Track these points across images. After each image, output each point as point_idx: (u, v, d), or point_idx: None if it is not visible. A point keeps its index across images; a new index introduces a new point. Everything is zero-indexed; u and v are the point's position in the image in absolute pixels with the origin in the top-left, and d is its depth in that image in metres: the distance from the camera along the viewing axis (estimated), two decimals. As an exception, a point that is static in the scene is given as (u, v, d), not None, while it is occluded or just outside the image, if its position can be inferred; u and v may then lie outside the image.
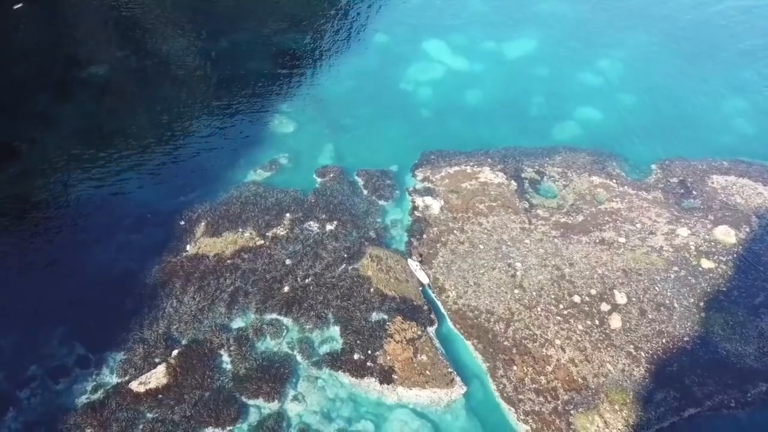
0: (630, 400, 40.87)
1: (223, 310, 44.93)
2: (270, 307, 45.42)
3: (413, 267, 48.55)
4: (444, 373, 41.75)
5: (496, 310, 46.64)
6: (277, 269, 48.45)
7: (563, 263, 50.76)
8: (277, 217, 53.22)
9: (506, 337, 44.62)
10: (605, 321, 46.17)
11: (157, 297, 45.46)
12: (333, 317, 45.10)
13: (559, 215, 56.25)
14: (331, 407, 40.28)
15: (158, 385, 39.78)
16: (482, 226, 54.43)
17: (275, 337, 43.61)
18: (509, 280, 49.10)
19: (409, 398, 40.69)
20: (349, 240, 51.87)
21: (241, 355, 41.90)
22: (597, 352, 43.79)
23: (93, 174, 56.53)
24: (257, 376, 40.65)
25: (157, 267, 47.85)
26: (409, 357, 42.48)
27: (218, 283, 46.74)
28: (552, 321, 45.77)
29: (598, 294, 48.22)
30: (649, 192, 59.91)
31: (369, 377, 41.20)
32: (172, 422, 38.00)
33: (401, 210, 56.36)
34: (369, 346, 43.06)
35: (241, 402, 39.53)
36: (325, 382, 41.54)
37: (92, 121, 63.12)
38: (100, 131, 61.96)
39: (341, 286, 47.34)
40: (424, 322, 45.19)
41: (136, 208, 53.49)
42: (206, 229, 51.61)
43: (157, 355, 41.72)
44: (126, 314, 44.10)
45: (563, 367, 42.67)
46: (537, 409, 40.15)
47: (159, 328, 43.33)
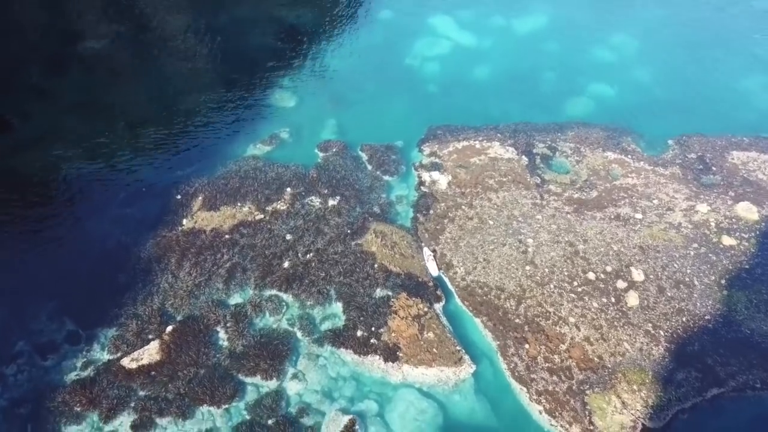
0: (649, 380, 38.55)
1: (220, 286, 42.83)
2: (269, 283, 43.29)
3: (426, 257, 46.09)
4: (452, 351, 39.53)
5: (506, 286, 44.34)
6: (277, 245, 46.29)
7: (577, 240, 48.35)
8: (277, 192, 51.01)
9: (517, 315, 42.33)
10: (622, 299, 43.80)
11: (151, 272, 43.41)
12: (335, 293, 42.94)
13: (573, 191, 53.78)
14: (333, 386, 38.18)
15: (151, 362, 37.77)
16: (492, 201, 52.04)
17: (274, 314, 41.49)
18: (520, 257, 46.76)
19: (415, 377, 38.51)
20: (353, 215, 49.63)
21: (238, 331, 39.81)
22: (613, 330, 41.45)
23: (87, 148, 54.46)
24: (255, 353, 38.58)
25: (151, 241, 45.78)
26: (414, 334, 40.26)
27: (215, 259, 44.62)
28: (566, 298, 43.43)
29: (613, 271, 45.83)
30: (667, 168, 57.32)
31: (373, 355, 39.03)
32: (165, 400, 36.01)
33: (407, 185, 54.03)
34: (373, 322, 40.87)
35: (238, 380, 37.49)
36: (327, 360, 39.40)
37: (87, 95, 60.96)
38: (95, 105, 59.82)
39: (344, 262, 45.13)
40: (430, 299, 42.95)
41: (130, 183, 51.48)
42: (203, 203, 49.46)
43: (150, 332, 39.71)
44: (119, 289, 42.09)
45: (578, 345, 40.37)
46: (550, 389, 37.91)
47: (153, 304, 41.28)
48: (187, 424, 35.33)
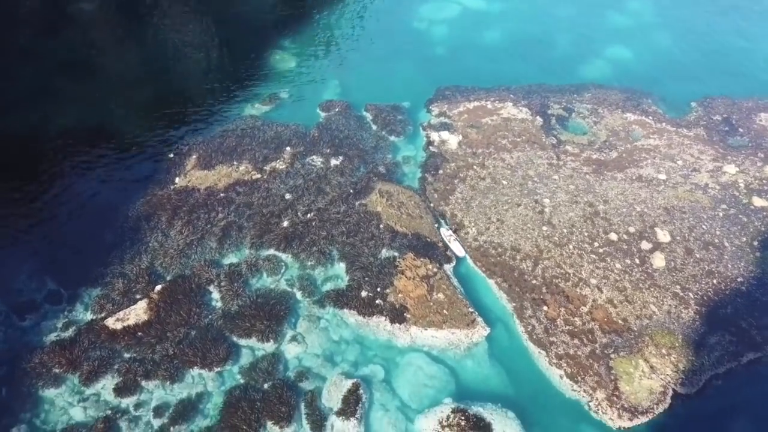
0: (679, 343, 35.30)
1: (213, 245, 39.73)
2: (267, 242, 40.15)
3: (446, 237, 41.97)
4: (464, 312, 36.32)
5: (522, 247, 41.06)
6: (275, 203, 43.14)
7: (597, 200, 44.99)
8: (276, 151, 47.84)
9: (534, 276, 39.07)
10: (647, 260, 40.47)
11: (140, 230, 40.40)
12: (338, 253, 39.76)
13: (591, 151, 50.39)
14: (335, 350, 35.07)
15: (138, 322, 34.75)
16: (505, 161, 48.70)
17: (272, 274, 38.36)
18: (537, 217, 43.45)
19: (424, 340, 35.35)
20: (356, 175, 46.41)
21: (232, 291, 36.73)
22: (638, 292, 38.17)
23: (76, 107, 51.39)
24: (251, 314, 35.50)
25: (141, 200, 42.77)
26: (423, 295, 37.08)
27: (209, 217, 41.51)
28: (586, 259, 40.14)
29: (637, 232, 42.50)
30: (690, 129, 53.86)
31: (378, 316, 35.89)
32: (152, 362, 32.99)
33: (414, 146, 50.74)
34: (378, 283, 37.72)
35: (232, 341, 34.41)
36: (329, 323, 36.28)
37: (78, 55, 57.90)
38: (85, 66, 56.74)
39: (347, 221, 41.94)
40: (440, 260, 39.74)
41: (121, 142, 48.33)
42: (198, 161, 46.34)
43: (138, 291, 36.69)
44: (105, 248, 39.10)
45: (601, 307, 37.10)
46: (572, 352, 34.68)
47: (141, 263, 38.24)
48: (176, 388, 32.32)
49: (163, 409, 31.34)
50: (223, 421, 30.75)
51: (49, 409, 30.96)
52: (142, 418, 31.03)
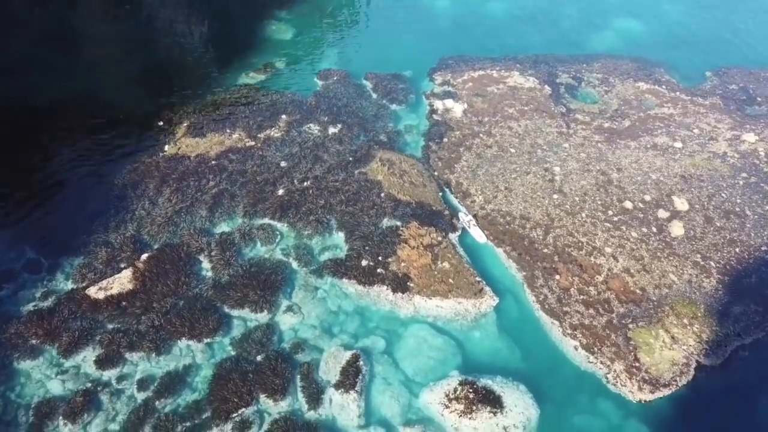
0: (701, 313, 32.92)
1: (204, 213, 37.34)
2: (261, 210, 37.75)
3: (465, 223, 38.57)
4: (471, 282, 33.93)
5: (532, 215, 38.66)
6: (270, 171, 40.73)
7: (609, 168, 42.58)
8: (271, 119, 45.40)
9: (545, 245, 36.66)
10: (664, 229, 38.07)
11: (126, 198, 38.01)
12: (336, 223, 37.37)
13: (602, 120, 47.93)
14: (333, 321, 32.71)
15: (122, 292, 32.38)
16: (513, 130, 46.25)
17: (267, 243, 35.96)
18: (547, 185, 41.03)
19: (429, 310, 32.96)
20: (356, 143, 44.00)
21: (224, 260, 34.34)
22: (656, 261, 35.77)
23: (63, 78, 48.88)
24: (243, 283, 33.10)
25: (128, 167, 40.39)
26: (427, 264, 34.69)
27: (200, 185, 39.11)
28: (600, 228, 37.73)
29: (653, 200, 40.08)
30: (706, 98, 51.41)
31: (380, 285, 33.51)
32: (137, 333, 30.62)
33: (416, 115, 48.32)
34: (379, 252, 35.32)
35: (223, 312, 32.05)
36: (327, 293, 33.91)
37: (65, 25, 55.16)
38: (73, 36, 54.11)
39: (346, 190, 39.53)
40: (445, 229, 37.37)
41: (108, 110, 45.80)
42: (188, 129, 43.93)
43: (122, 260, 34.29)
44: (88, 216, 36.73)
45: (617, 277, 34.71)
46: (587, 322, 32.28)
47: (126, 231, 35.89)
48: (162, 360, 29.95)
49: (148, 382, 29.02)
50: (213, 393, 28.42)
51: (24, 382, 28.66)
52: (125, 392, 28.72)
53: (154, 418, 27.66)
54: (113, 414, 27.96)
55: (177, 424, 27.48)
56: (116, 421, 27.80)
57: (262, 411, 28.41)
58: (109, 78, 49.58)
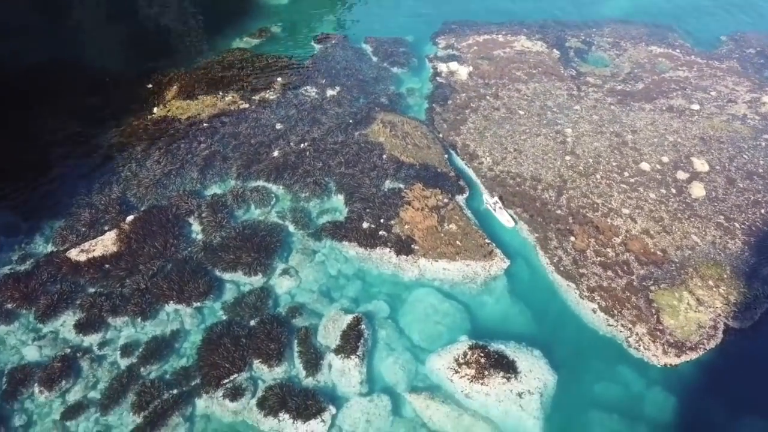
0: (727, 275, 30.63)
1: (195, 175, 35.02)
2: (255, 172, 35.41)
3: (490, 206, 34.91)
4: (480, 243, 31.61)
5: (543, 177, 36.34)
6: (264, 133, 38.37)
7: (624, 130, 40.22)
8: (266, 82, 43.06)
9: (558, 206, 34.34)
10: (684, 190, 35.76)
11: (112, 160, 35.72)
12: (335, 185, 35.03)
13: (614, 83, 45.56)
14: (333, 285, 30.38)
15: (105, 254, 30.04)
16: (521, 92, 43.84)
17: (261, 206, 33.64)
18: (558, 147, 38.68)
19: (435, 273, 30.66)
20: (355, 106, 41.62)
21: (215, 222, 32.03)
22: (677, 222, 33.46)
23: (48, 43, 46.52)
24: (236, 245, 30.77)
25: (114, 129, 38.12)
26: (432, 226, 32.37)
27: (190, 147, 36.77)
28: (616, 189, 35.41)
29: (671, 162, 37.75)
30: (723, 62, 48.99)
31: (382, 248, 31.17)
32: (121, 296, 28.30)
33: (419, 78, 45.91)
34: (381, 214, 32.99)
35: (214, 276, 29.74)
36: (325, 257, 31.58)
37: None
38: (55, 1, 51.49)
39: (345, 152, 37.17)
40: (451, 190, 35.04)
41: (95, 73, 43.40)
42: (179, 91, 41.55)
43: (106, 222, 32.02)
44: (71, 178, 34.53)
45: (636, 238, 32.40)
46: (605, 284, 29.97)
47: (112, 193, 33.61)
48: (148, 325, 27.65)
49: (132, 347, 26.73)
50: (202, 359, 26.10)
51: (-2, 348, 26.28)
52: (107, 358, 26.43)
53: (138, 385, 25.34)
54: (94, 381, 25.73)
55: (163, 391, 25.18)
56: (97, 388, 25.57)
57: (255, 378, 26.16)
58: (96, 41, 47.42)
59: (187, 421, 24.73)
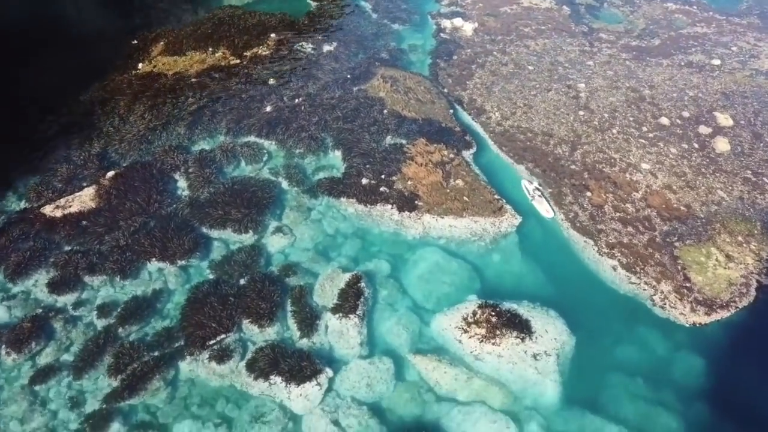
0: (758, 230, 28.28)
1: (181, 131, 32.50)
2: (246, 128, 32.89)
3: (528, 192, 30.77)
4: (489, 199, 29.13)
5: (556, 132, 33.78)
6: (256, 89, 35.85)
7: (641, 85, 37.60)
8: (258, 38, 40.42)
9: (573, 161, 31.83)
10: (707, 145, 33.23)
11: (93, 115, 33.28)
12: (332, 140, 32.49)
13: (629, 39, 42.87)
14: (330, 244, 27.93)
15: (83, 210, 27.65)
16: (530, 48, 41.18)
17: (252, 162, 31.17)
18: (571, 102, 36.09)
19: (440, 230, 28.24)
20: (354, 61, 39.00)
21: (203, 178, 29.60)
22: (701, 177, 30.98)
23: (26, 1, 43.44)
24: (224, 201, 28.34)
25: (97, 85, 35.62)
26: (437, 181, 29.89)
27: (177, 102, 34.23)
28: (634, 144, 32.88)
29: (692, 117, 35.18)
30: (743, 18, 46.29)
31: (383, 204, 28.71)
32: (99, 254, 25.89)
33: (422, 35, 43.25)
34: (382, 170, 30.52)
35: (201, 232, 27.33)
36: (322, 214, 29.14)
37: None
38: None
39: (343, 107, 34.62)
40: (457, 146, 32.52)
41: (74, 31, 40.64)
42: (166, 47, 38.98)
43: (85, 178, 29.60)
44: (48, 134, 32.17)
45: (657, 193, 29.92)
46: (626, 240, 27.52)
47: (92, 149, 31.14)
48: (128, 285, 25.29)
49: (110, 308, 24.40)
50: (186, 319, 23.69)
51: (-38, 309, 23.90)
52: (83, 319, 24.09)
53: (115, 347, 22.95)
54: (67, 343, 23.40)
55: (143, 353, 22.80)
56: (70, 351, 23.21)
57: (245, 339, 23.80)
58: (77, 1, 44.31)
59: (169, 385, 22.43)
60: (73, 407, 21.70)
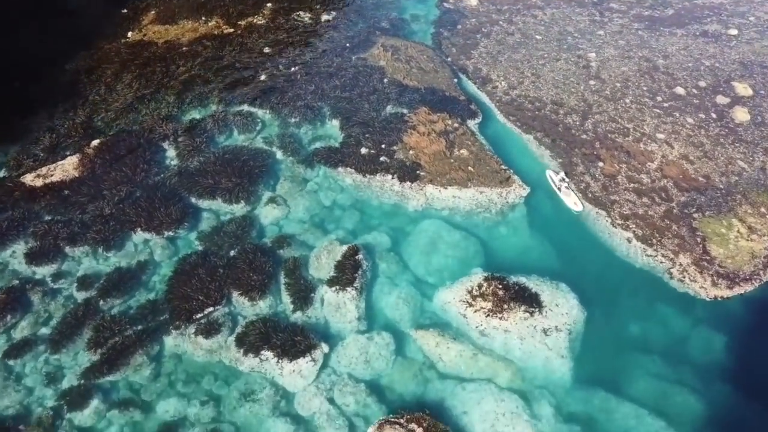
0: (782, 202, 26.30)
1: (171, 99, 30.86)
2: (239, 96, 31.22)
3: (555, 183, 27.80)
4: (495, 169, 27.46)
5: (566, 101, 32.02)
6: (251, 57, 34.14)
7: (654, 55, 35.76)
8: (254, 6, 38.74)
9: (584, 131, 30.09)
10: (726, 115, 31.44)
11: (78, 84, 31.71)
12: (330, 109, 30.79)
13: (641, 8, 40.98)
14: (327, 216, 26.32)
15: (65, 179, 26.11)
16: (537, 18, 39.36)
17: (245, 131, 29.52)
18: (581, 72, 34.30)
19: (444, 201, 26.57)
20: (353, 30, 37.24)
21: (193, 147, 28.02)
22: (720, 148, 29.22)
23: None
24: (215, 170, 26.75)
25: (83, 53, 33.89)
26: (440, 151, 28.21)
27: (167, 71, 32.58)
28: (648, 114, 31.11)
29: (709, 86, 33.36)
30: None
31: (383, 174, 27.07)
32: (81, 224, 24.39)
33: (424, 5, 41.50)
34: (382, 140, 28.83)
35: (189, 202, 25.77)
36: (318, 185, 27.49)
37: None
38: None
39: (342, 75, 32.92)
40: (461, 115, 30.76)
41: (62, 0, 38.82)
42: (157, 16, 37.33)
43: (68, 146, 28.01)
44: (31, 103, 30.22)
45: (674, 164, 28.20)
46: (641, 212, 25.82)
47: (77, 117, 29.59)
48: (112, 257, 23.86)
49: (92, 280, 22.87)
50: (173, 291, 22.08)
51: (-66, 281, 22.41)
52: (63, 291, 22.58)
53: (96, 320, 21.38)
54: (45, 316, 21.91)
55: (126, 327, 21.23)
56: (49, 324, 21.66)
57: (234, 313, 22.19)
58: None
59: (152, 361, 20.92)
60: (50, 383, 20.27)
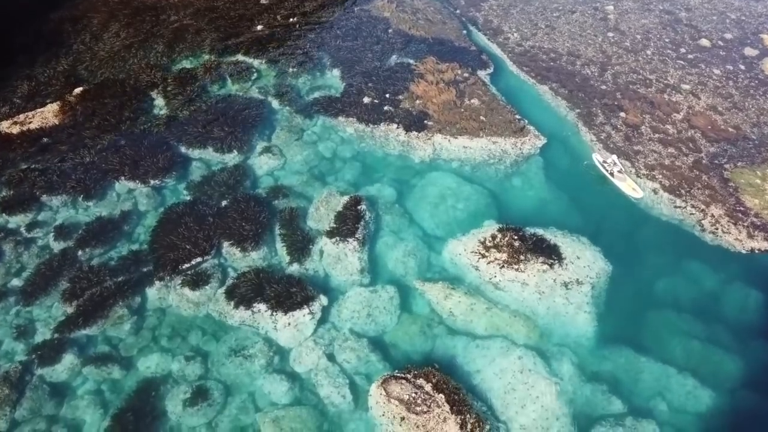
0: (821, 153, 24.14)
1: (161, 49, 28.80)
2: (233, 46, 29.16)
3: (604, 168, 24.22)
4: (509, 119, 25.35)
5: (583, 53, 29.88)
6: (246, 7, 32.09)
7: (676, 8, 33.60)
8: (251, -41, 36.09)
9: (603, 81, 27.97)
10: (755, 66, 29.31)
11: (62, 33, 29.68)
12: (330, 59, 28.70)
13: (661, -37, 38.34)
14: (327, 168, 24.28)
15: (44, 126, 24.14)
16: (550, -30, 36.87)
17: (239, 81, 27.43)
18: (599, 24, 32.13)
19: (453, 152, 24.50)
20: (356, -18, 34.85)
21: (183, 95, 25.96)
22: (750, 99, 27.14)
23: None
24: (206, 119, 24.72)
25: (69, 2, 31.71)
26: (450, 100, 26.08)
27: (157, 20, 30.55)
28: (672, 66, 28.97)
29: (736, 39, 31.19)
30: (785, -56, 41.49)
31: (387, 124, 25.01)
32: (60, 172, 22.41)
33: (431, -40, 38.76)
34: (387, 89, 26.81)
35: (178, 151, 23.65)
36: (317, 136, 25.42)
37: None
38: None
39: (343, 25, 30.84)
40: (472, 65, 28.64)
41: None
42: (147, -33, 34.73)
43: (49, 94, 26.00)
44: (10, 52, 28.13)
45: (701, 114, 26.07)
46: (667, 162, 23.74)
47: (58, 66, 27.62)
48: (92, 206, 21.79)
49: (70, 230, 20.93)
50: (158, 239, 20.08)
51: None
52: (38, 241, 20.65)
53: (73, 270, 19.39)
54: (18, 267, 20.03)
55: (105, 278, 19.26)
56: (22, 276, 19.64)
57: (225, 265, 20.21)
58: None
59: (134, 314, 18.99)
60: (20, 336, 18.38)
